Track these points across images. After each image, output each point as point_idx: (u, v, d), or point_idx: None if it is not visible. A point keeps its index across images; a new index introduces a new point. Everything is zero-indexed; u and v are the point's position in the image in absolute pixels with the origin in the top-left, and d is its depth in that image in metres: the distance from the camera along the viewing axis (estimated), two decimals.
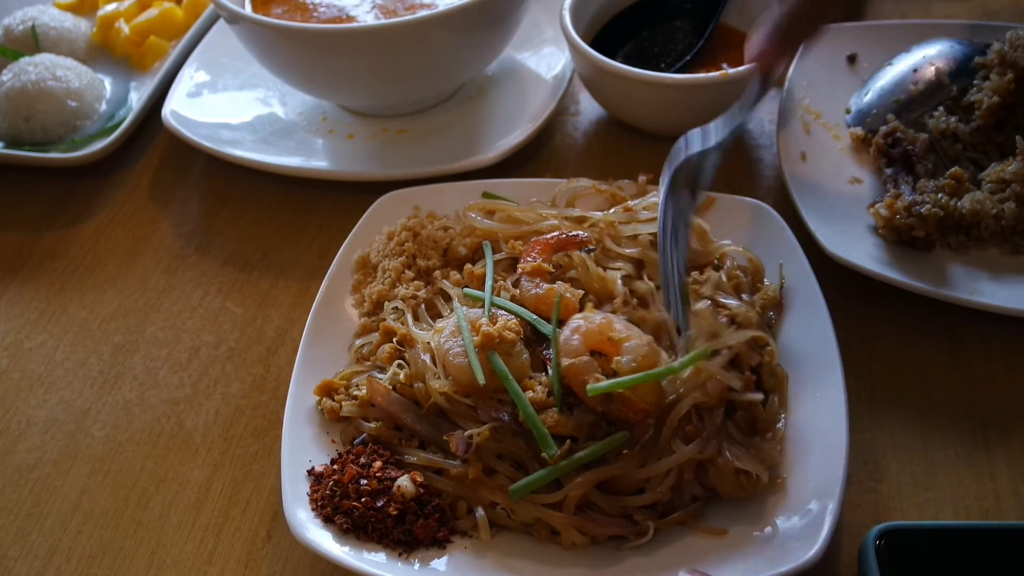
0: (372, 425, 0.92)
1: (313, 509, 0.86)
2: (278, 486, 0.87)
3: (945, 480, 0.92)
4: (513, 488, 0.84)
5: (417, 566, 0.83)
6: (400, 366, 0.95)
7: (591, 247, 1.00)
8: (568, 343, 0.89)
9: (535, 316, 0.93)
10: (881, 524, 0.80)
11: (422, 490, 0.86)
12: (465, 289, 1.00)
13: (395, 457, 0.90)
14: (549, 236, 1.02)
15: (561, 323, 0.92)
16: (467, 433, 0.87)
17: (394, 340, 0.98)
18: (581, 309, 0.94)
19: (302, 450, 0.91)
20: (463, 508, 0.87)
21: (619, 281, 0.97)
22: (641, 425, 0.85)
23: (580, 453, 0.84)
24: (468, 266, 1.03)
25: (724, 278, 0.97)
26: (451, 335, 0.92)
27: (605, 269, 0.99)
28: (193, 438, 1.01)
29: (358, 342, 1.01)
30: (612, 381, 0.85)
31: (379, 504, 0.85)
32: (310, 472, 0.89)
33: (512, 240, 1.04)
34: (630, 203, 1.05)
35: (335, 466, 0.89)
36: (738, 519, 0.85)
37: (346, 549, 0.83)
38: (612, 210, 1.05)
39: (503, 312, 0.94)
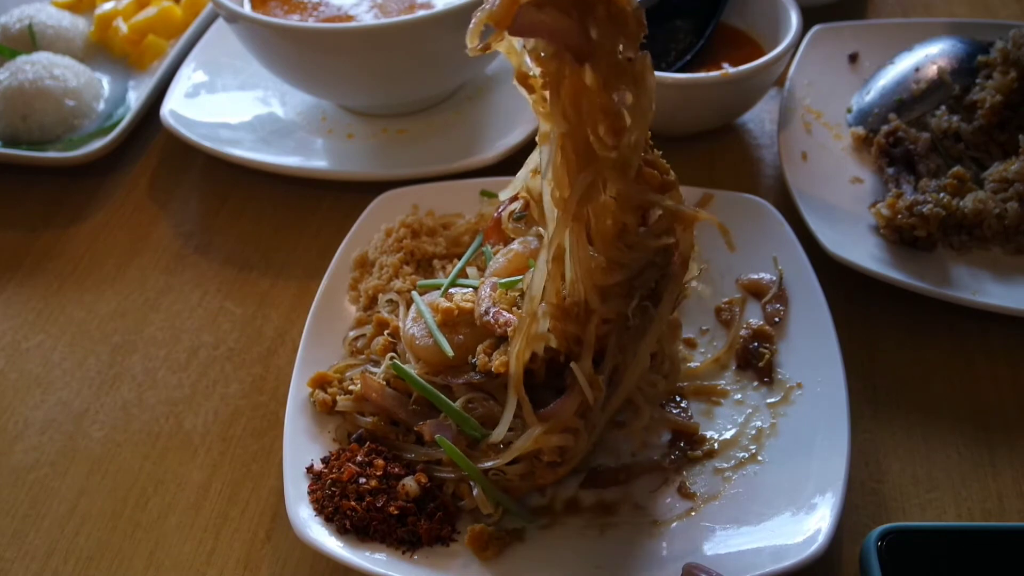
0: (368, 420, 0.92)
1: (314, 508, 0.86)
2: (277, 486, 0.87)
3: (947, 481, 0.91)
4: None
5: (421, 564, 0.83)
6: (393, 359, 0.95)
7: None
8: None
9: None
10: (883, 525, 0.79)
11: (426, 488, 0.86)
12: (420, 281, 1.02)
13: (394, 453, 0.90)
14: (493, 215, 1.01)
15: None
16: (441, 417, 0.88)
17: (386, 332, 0.98)
18: None
19: (303, 449, 0.90)
20: (466, 489, 0.87)
21: None
22: None
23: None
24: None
25: None
26: (413, 321, 0.94)
27: None
28: (192, 439, 1.01)
29: (352, 334, 1.01)
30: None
31: (379, 504, 0.85)
32: (309, 470, 0.89)
33: None
34: None
35: (331, 464, 0.89)
36: (739, 518, 0.84)
37: (349, 548, 0.83)
38: None
39: (460, 290, 0.95)
